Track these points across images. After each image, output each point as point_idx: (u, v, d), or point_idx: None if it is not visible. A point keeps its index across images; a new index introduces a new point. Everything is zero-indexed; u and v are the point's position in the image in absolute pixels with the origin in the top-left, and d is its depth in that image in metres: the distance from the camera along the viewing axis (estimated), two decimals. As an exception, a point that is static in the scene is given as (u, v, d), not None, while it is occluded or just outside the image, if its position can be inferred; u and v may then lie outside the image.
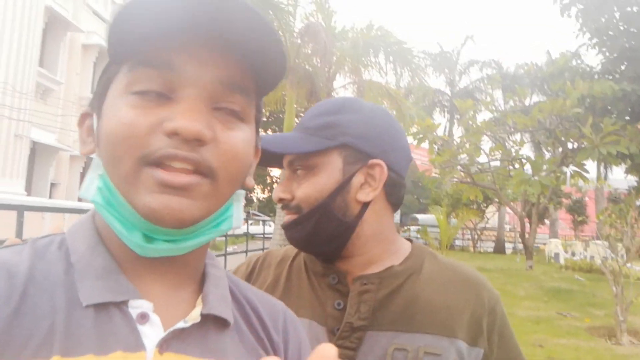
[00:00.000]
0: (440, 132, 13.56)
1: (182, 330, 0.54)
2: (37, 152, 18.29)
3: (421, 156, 21.13)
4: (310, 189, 0.90)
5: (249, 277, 1.05)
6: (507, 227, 26.68)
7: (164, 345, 0.52)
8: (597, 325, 6.70)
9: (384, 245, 0.95)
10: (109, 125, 0.53)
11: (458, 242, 24.25)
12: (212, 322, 0.58)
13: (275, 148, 0.91)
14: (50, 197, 18.55)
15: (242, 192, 0.60)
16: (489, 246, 24.32)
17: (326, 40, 11.30)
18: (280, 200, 0.94)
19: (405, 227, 24.30)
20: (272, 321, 0.67)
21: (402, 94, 16.01)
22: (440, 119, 23.64)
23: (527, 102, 17.54)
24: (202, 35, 0.53)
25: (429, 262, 0.96)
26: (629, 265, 6.34)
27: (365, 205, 0.92)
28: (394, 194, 0.95)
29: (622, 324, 6.03)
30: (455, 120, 24.67)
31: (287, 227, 0.94)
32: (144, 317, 0.53)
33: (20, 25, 15.83)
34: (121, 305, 0.53)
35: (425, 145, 12.07)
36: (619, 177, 18.32)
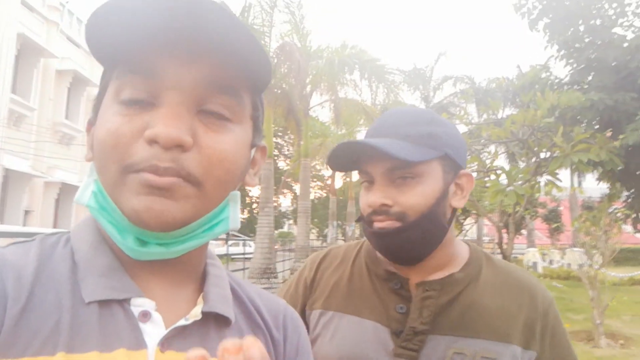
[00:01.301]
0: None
1: (184, 328, 0.55)
2: (10, 179, 17.94)
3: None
4: (419, 196, 0.93)
5: (314, 278, 1.11)
6: (486, 238, 26.98)
7: (165, 343, 0.53)
8: (576, 330, 6.87)
9: (449, 249, 1.01)
10: (98, 133, 0.54)
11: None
12: (213, 320, 0.59)
13: (395, 152, 0.90)
14: (24, 224, 18.14)
15: (238, 193, 0.59)
16: (470, 258, 24.46)
17: (300, 59, 11.44)
18: (383, 205, 0.95)
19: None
20: (273, 319, 0.68)
21: (378, 110, 16.21)
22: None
23: (500, 115, 17.90)
24: (181, 38, 0.52)
25: (485, 267, 1.02)
26: (603, 270, 6.47)
27: (455, 211, 0.99)
28: None
29: (600, 327, 6.17)
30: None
31: (388, 235, 0.94)
32: (145, 316, 0.54)
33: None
34: (123, 303, 0.53)
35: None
36: (592, 186, 18.75)
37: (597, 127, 10.28)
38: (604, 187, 13.73)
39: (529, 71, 12.70)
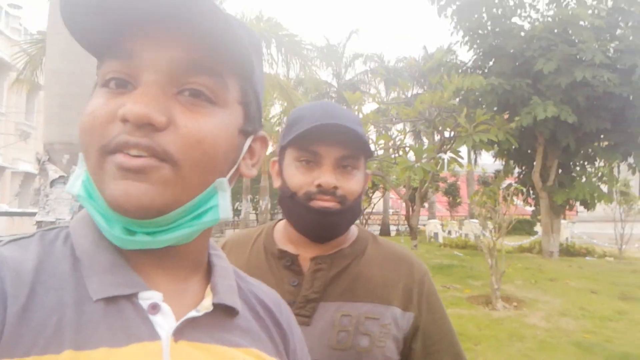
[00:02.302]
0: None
1: (194, 319, 0.55)
2: None
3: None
4: (357, 184, 1.05)
5: None
6: (391, 211, 28.26)
7: (177, 333, 0.53)
8: (475, 295, 7.40)
9: None
10: (82, 117, 0.53)
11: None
12: (222, 311, 0.59)
13: (365, 144, 1.04)
14: None
15: (223, 180, 0.56)
16: (375, 229, 25.59)
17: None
18: (334, 187, 1.02)
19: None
20: (277, 309, 0.70)
21: (292, 85, 16.23)
22: (327, 110, 24.22)
23: (408, 94, 18.70)
24: (157, 19, 0.51)
25: (371, 244, 1.14)
26: (499, 240, 7.08)
27: None
28: None
29: (497, 292, 6.78)
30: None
31: (332, 213, 1.03)
32: (154, 308, 0.53)
33: None
34: (131, 297, 0.53)
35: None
36: (487, 162, 20.28)
37: (495, 109, 11.12)
38: (497, 163, 14.96)
39: (435, 53, 13.34)
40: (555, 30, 10.63)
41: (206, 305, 0.57)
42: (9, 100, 21.78)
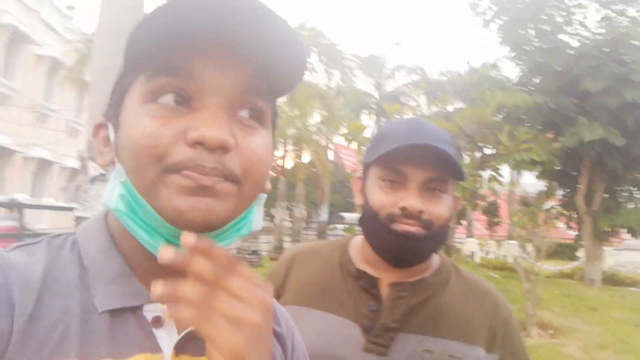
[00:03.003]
0: (367, 133, 13.94)
1: (195, 331, 0.55)
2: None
3: (349, 156, 21.56)
4: (445, 208, 1.00)
5: (285, 277, 1.14)
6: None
7: (179, 347, 0.53)
8: None
9: None
10: (130, 135, 0.52)
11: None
12: None
13: (457, 169, 0.99)
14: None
15: (264, 196, 0.60)
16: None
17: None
18: (419, 212, 0.98)
19: (332, 226, 24.67)
20: (276, 321, 0.69)
21: (332, 95, 16.27)
22: (366, 121, 24.24)
23: (449, 109, 18.45)
24: (220, 40, 0.52)
25: (454, 275, 1.08)
26: (538, 264, 6.84)
27: None
28: None
29: (532, 318, 6.54)
30: (381, 123, 25.45)
31: (415, 239, 0.98)
32: (158, 321, 0.54)
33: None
34: (136, 309, 0.54)
35: (353, 145, 12.35)
36: (529, 182, 19.70)
37: (539, 128, 10.79)
38: (540, 184, 14.52)
39: (479, 68, 13.11)
40: (605, 49, 10.24)
41: None
42: (61, 97, 22.90)
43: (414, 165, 0.98)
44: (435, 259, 1.09)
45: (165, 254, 0.47)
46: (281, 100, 14.55)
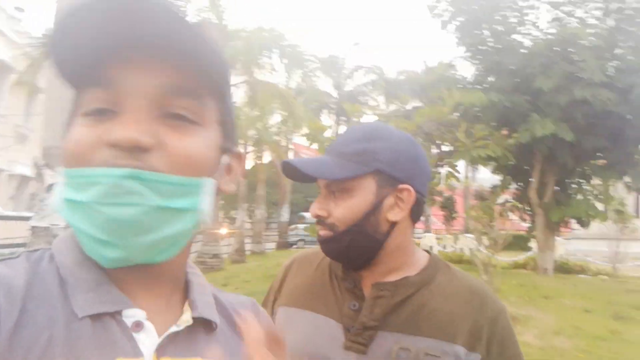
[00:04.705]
0: (328, 133, 14.03)
1: (176, 334, 0.57)
2: None
3: (310, 156, 21.61)
4: (347, 210, 0.99)
5: (282, 281, 1.18)
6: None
7: (160, 350, 0.55)
8: None
9: (405, 256, 1.06)
10: (65, 145, 0.55)
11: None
12: (201, 325, 0.61)
13: (315, 173, 1.00)
14: None
15: (211, 181, 0.58)
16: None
17: (218, 38, 11.18)
18: (317, 216, 1.03)
19: (293, 225, 24.68)
20: (255, 318, 0.72)
21: (292, 95, 16.28)
22: (326, 121, 24.39)
23: (407, 107, 18.75)
24: (136, 45, 0.53)
25: (441, 273, 1.06)
26: (495, 256, 7.04)
27: (394, 223, 1.02)
28: (417, 212, 1.05)
29: (492, 308, 6.76)
30: (341, 122, 25.66)
31: (323, 242, 1.03)
32: (138, 325, 0.55)
33: None
34: (115, 315, 0.54)
35: (315, 146, 12.42)
36: (483, 176, 20.30)
37: (494, 125, 11.15)
38: (494, 178, 14.97)
39: (436, 67, 13.41)
40: (556, 48, 10.70)
41: (186, 319, 0.60)
42: (9, 102, 21.90)
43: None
44: (422, 258, 1.09)
45: None
46: (241, 102, 14.48)
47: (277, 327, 1.06)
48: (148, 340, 0.55)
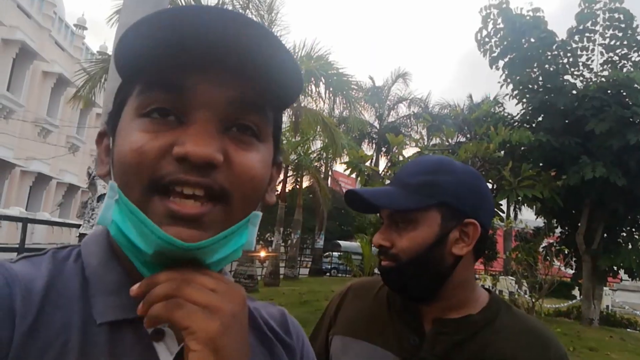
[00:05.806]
0: (368, 163, 13.98)
1: None
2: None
3: (347, 184, 21.62)
4: (411, 241, 0.98)
5: (338, 308, 1.17)
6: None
7: (179, 359, 0.52)
8: None
9: (467, 292, 1.05)
10: (120, 149, 0.52)
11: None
12: None
13: (379, 202, 1.00)
14: None
15: (259, 214, 0.57)
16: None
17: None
18: (380, 246, 1.02)
19: (327, 253, 24.56)
20: (280, 326, 0.70)
21: (335, 122, 16.40)
22: (367, 150, 24.39)
23: (451, 142, 18.57)
24: (212, 54, 0.50)
25: (504, 313, 1.05)
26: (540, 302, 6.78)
27: (458, 258, 1.00)
28: (481, 247, 1.03)
29: (534, 356, 6.46)
30: (382, 153, 25.61)
31: (385, 272, 1.02)
32: (159, 334, 0.53)
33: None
34: (135, 322, 0.52)
35: (354, 175, 12.37)
36: (526, 217, 19.73)
37: (542, 165, 10.87)
38: (538, 220, 14.52)
39: (483, 104, 13.28)
40: (609, 91, 10.41)
41: None
42: (64, 114, 23.07)
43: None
44: (483, 296, 1.07)
45: (132, 291, 0.50)
46: (284, 126, 14.68)
47: (333, 355, 1.10)
48: (168, 348, 0.53)
